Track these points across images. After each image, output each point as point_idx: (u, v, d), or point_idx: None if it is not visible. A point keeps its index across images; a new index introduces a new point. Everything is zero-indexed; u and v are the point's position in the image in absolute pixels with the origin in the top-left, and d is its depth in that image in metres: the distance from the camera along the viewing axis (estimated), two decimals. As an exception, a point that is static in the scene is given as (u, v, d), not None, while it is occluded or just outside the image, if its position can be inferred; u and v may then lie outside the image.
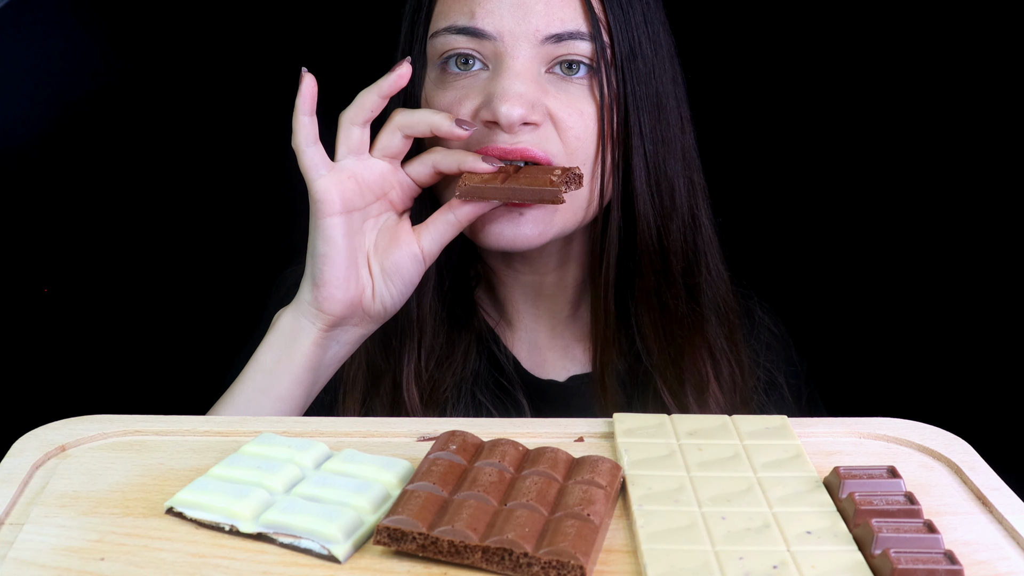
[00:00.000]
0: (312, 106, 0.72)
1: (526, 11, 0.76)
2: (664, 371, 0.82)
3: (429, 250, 0.76)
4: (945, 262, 1.10)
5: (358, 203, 0.74)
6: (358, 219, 0.75)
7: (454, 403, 0.82)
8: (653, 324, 0.82)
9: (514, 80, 0.75)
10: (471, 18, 0.76)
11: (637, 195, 0.80)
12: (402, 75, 0.73)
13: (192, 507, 0.52)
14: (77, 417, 0.62)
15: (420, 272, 0.76)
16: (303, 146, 0.72)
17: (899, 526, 0.49)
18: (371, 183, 0.75)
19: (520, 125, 0.75)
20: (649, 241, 0.81)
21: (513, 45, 0.76)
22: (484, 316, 0.88)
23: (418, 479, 0.52)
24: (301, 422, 0.63)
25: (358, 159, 0.74)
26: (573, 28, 0.76)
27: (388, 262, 0.75)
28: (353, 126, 0.73)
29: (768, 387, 0.87)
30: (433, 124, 0.73)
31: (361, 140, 0.74)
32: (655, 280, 0.81)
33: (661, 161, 0.80)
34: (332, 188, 0.73)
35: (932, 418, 0.64)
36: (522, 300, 0.88)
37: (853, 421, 0.64)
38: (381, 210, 0.76)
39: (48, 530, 0.51)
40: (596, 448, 0.60)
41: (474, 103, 0.77)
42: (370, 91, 0.73)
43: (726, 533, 0.50)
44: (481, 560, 0.47)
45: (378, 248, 0.76)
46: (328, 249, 0.73)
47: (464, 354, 0.84)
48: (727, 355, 0.83)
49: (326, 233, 0.73)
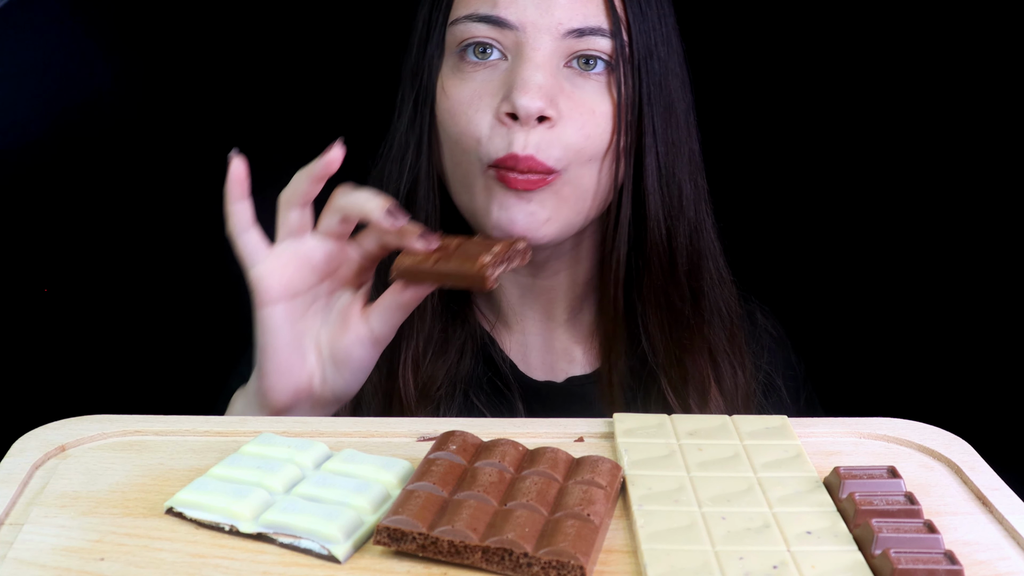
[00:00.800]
0: (243, 191, 0.68)
1: (550, 4, 0.76)
2: (669, 371, 0.82)
3: (381, 333, 0.71)
4: (945, 262, 1.10)
5: (301, 287, 0.70)
6: (303, 303, 0.70)
7: (447, 402, 0.82)
8: (659, 323, 0.82)
9: (535, 71, 0.74)
10: (493, 7, 0.76)
11: (648, 195, 0.80)
12: (331, 161, 0.68)
13: (192, 507, 0.52)
14: (77, 417, 0.62)
15: (373, 357, 0.72)
16: (235, 234, 0.68)
17: (899, 526, 0.49)
18: (316, 264, 0.70)
19: (535, 120, 0.75)
20: (658, 241, 0.81)
21: (535, 36, 0.75)
22: (480, 317, 0.88)
23: (418, 479, 0.52)
24: (301, 422, 0.63)
25: (300, 240, 0.70)
26: (595, 24, 0.76)
27: (337, 348, 0.71)
28: (289, 209, 0.69)
29: (767, 389, 0.87)
30: (366, 212, 0.68)
31: (300, 222, 0.69)
32: (662, 279, 0.82)
33: (671, 162, 0.81)
34: (269, 275, 0.69)
35: (932, 418, 0.64)
36: (520, 301, 0.88)
37: (853, 421, 0.64)
38: (332, 288, 0.72)
39: (48, 530, 0.51)
40: (596, 448, 0.60)
41: (493, 101, 0.76)
42: (301, 174, 0.69)
43: (726, 533, 0.50)
44: (481, 560, 0.47)
45: (328, 332, 0.71)
46: (269, 339, 0.69)
47: (458, 352, 0.84)
48: (728, 357, 0.83)
49: (265, 323, 0.69)
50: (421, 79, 0.80)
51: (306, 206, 0.69)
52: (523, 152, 0.75)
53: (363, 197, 0.69)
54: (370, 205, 0.68)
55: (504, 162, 0.75)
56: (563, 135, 0.76)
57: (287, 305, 0.69)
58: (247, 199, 0.68)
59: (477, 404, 0.82)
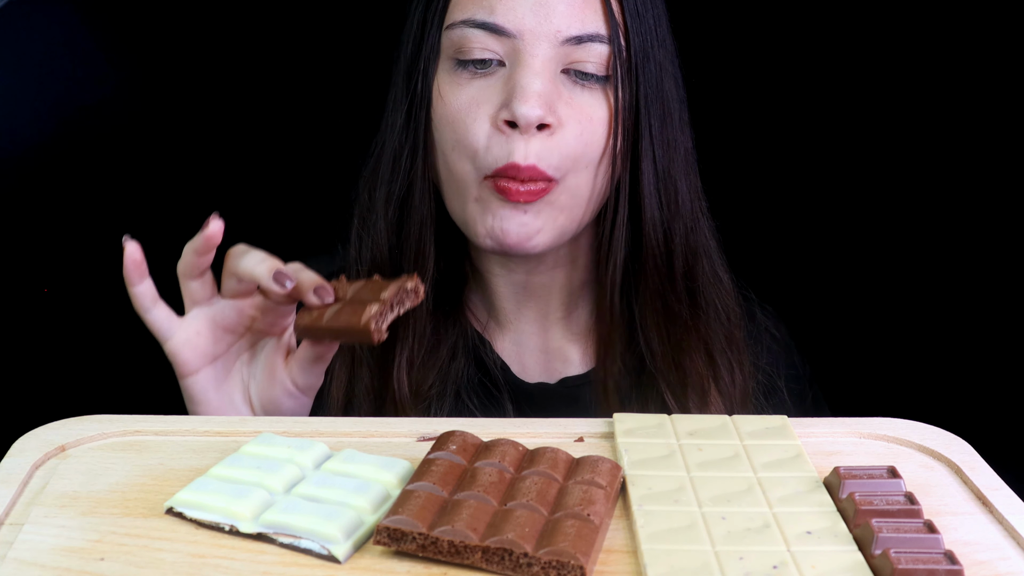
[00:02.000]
0: (139, 274, 0.68)
1: (548, 11, 0.75)
2: (667, 374, 0.82)
3: (305, 383, 0.71)
4: (945, 263, 1.10)
5: (218, 350, 0.70)
6: (224, 364, 0.71)
7: (439, 403, 0.81)
8: (656, 326, 0.82)
9: (534, 78, 0.74)
10: (491, 13, 0.76)
11: (645, 198, 0.80)
12: (210, 236, 0.67)
13: (192, 507, 0.52)
14: (77, 417, 0.62)
15: (306, 405, 0.72)
16: (142, 314, 0.69)
17: (899, 526, 0.49)
18: (228, 325, 0.70)
19: (535, 128, 0.74)
20: (655, 243, 0.81)
21: (533, 44, 0.75)
22: (472, 318, 0.87)
23: (418, 479, 0.52)
24: (301, 422, 0.63)
25: (207, 306, 0.70)
26: (593, 30, 0.76)
27: (266, 400, 0.71)
28: (186, 281, 0.69)
29: (767, 391, 0.87)
30: (255, 278, 0.67)
31: (202, 290, 0.69)
32: (659, 282, 0.81)
33: (667, 164, 0.80)
34: (184, 346, 0.69)
35: (932, 418, 0.64)
36: (513, 301, 0.87)
37: (853, 421, 0.64)
38: (253, 341, 0.72)
39: (48, 530, 0.51)
40: (596, 448, 0.60)
41: (490, 109, 0.76)
42: (188, 248, 0.68)
43: (726, 533, 0.50)
44: (481, 560, 0.47)
45: (256, 385, 0.72)
46: (195, 408, 0.70)
47: (450, 352, 0.83)
48: (726, 356, 0.83)
49: (188, 393, 0.70)
50: (416, 81, 0.80)
51: (203, 276, 0.69)
52: (524, 162, 0.74)
53: (252, 262, 0.68)
54: (258, 271, 0.67)
55: (505, 171, 0.75)
56: (562, 142, 0.76)
57: (207, 371, 0.70)
58: (147, 279, 0.68)
59: (469, 405, 0.82)
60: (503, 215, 0.77)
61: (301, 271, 0.68)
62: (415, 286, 0.68)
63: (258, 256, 0.68)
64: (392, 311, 0.67)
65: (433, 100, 0.79)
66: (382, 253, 0.83)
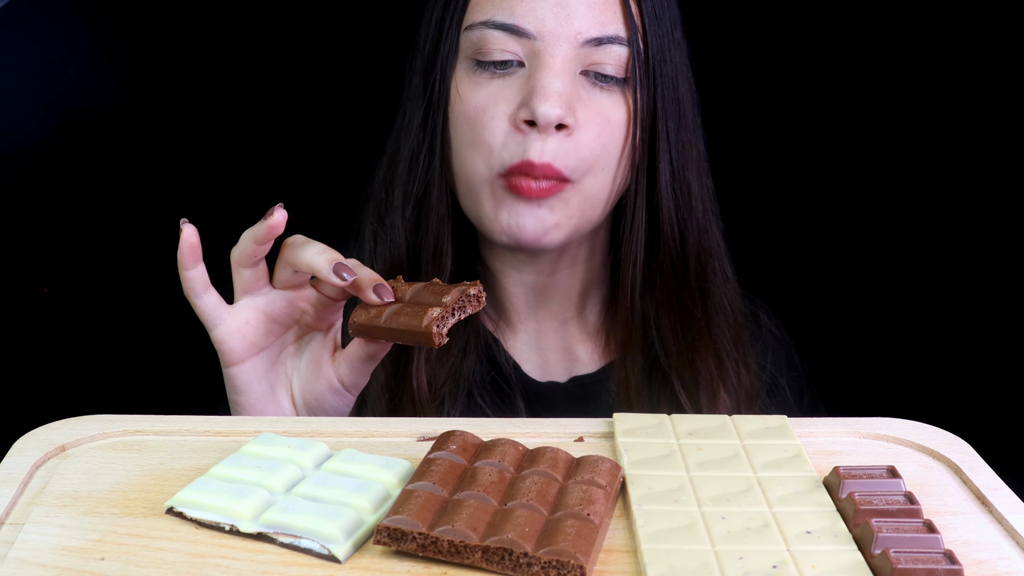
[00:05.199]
0: (194, 258, 0.66)
1: (569, 12, 0.75)
2: (681, 373, 0.82)
3: (352, 382, 0.70)
4: (945, 263, 1.10)
5: (265, 341, 0.69)
6: (269, 356, 0.70)
7: (451, 401, 0.82)
8: (672, 325, 0.82)
9: (554, 79, 0.74)
10: (511, 15, 0.76)
11: (662, 199, 0.80)
12: (273, 226, 0.65)
13: (192, 507, 0.52)
14: (77, 417, 0.62)
15: (349, 403, 0.71)
16: (192, 299, 0.67)
17: (899, 526, 0.49)
18: (277, 316, 0.69)
19: (554, 128, 0.75)
20: (671, 243, 0.81)
21: (553, 45, 0.75)
22: (484, 317, 0.88)
23: (418, 479, 0.52)
24: (301, 422, 0.63)
25: (257, 295, 0.69)
26: (612, 32, 0.76)
27: (309, 396, 0.70)
28: (240, 268, 0.68)
29: (771, 389, 0.87)
30: (314, 269, 0.66)
31: (254, 279, 0.68)
32: (675, 282, 0.82)
33: (682, 165, 0.81)
34: (231, 335, 0.68)
35: (932, 418, 0.64)
36: (525, 300, 0.88)
37: (853, 421, 0.64)
38: (300, 334, 0.71)
39: (48, 530, 0.51)
40: (596, 448, 0.60)
41: (509, 108, 0.76)
42: (247, 236, 0.67)
43: (726, 533, 0.50)
44: (481, 560, 0.47)
45: (300, 379, 0.71)
46: (239, 398, 0.69)
47: (462, 351, 0.84)
48: (734, 357, 0.83)
49: (232, 383, 0.69)
50: (434, 81, 0.80)
51: (257, 265, 0.68)
52: (540, 160, 0.75)
53: (311, 253, 0.66)
54: (318, 262, 0.66)
55: (519, 168, 0.75)
56: (580, 144, 0.76)
57: (253, 361, 0.69)
58: (200, 264, 0.67)
59: (481, 404, 0.83)
60: (519, 211, 0.77)
61: (360, 267, 0.67)
62: (478, 293, 0.67)
63: (318, 247, 0.67)
64: (453, 316, 0.66)
65: (451, 100, 0.79)
66: (400, 251, 0.83)
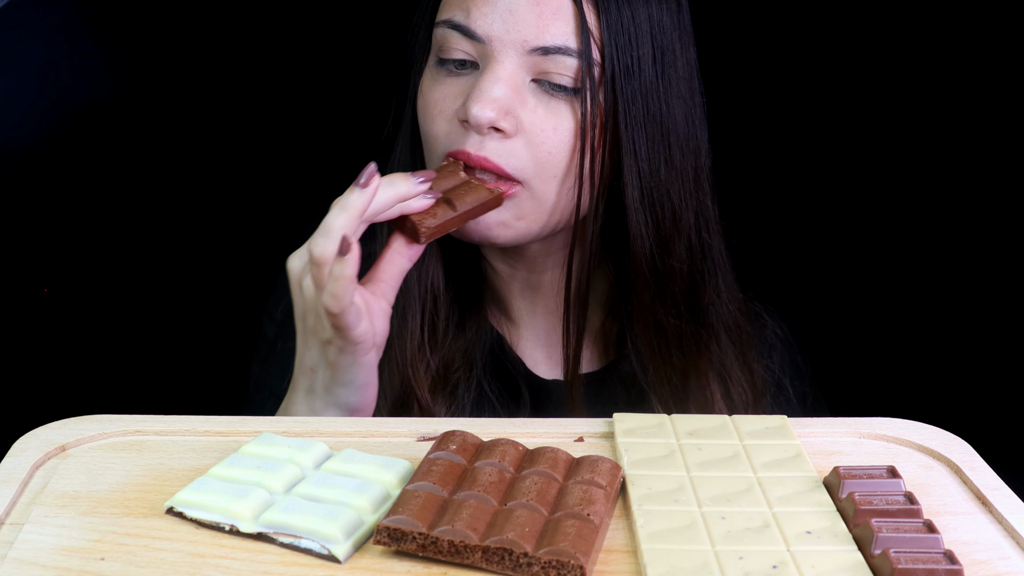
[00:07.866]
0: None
1: (517, 19, 0.75)
2: (659, 389, 0.81)
3: (393, 299, 0.75)
4: (945, 263, 1.10)
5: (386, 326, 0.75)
6: None
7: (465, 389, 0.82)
8: (648, 342, 0.81)
9: (493, 84, 0.75)
10: (466, 16, 0.77)
11: (630, 215, 0.79)
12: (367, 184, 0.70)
13: (192, 507, 0.52)
14: (77, 417, 0.62)
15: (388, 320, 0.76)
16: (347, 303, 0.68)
17: (899, 526, 0.49)
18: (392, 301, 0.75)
19: (489, 129, 0.75)
20: (643, 260, 0.80)
21: (500, 51, 0.76)
22: (490, 314, 0.88)
23: (418, 479, 0.52)
24: (301, 422, 0.63)
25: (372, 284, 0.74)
26: (561, 43, 0.76)
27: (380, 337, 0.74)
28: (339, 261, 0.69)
29: (775, 390, 0.87)
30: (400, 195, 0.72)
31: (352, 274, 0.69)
32: (649, 299, 0.80)
33: (660, 183, 0.79)
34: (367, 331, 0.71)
35: (932, 418, 0.64)
36: (523, 299, 0.88)
37: (853, 421, 0.64)
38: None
39: (48, 530, 0.51)
40: (596, 448, 0.60)
41: (454, 105, 0.77)
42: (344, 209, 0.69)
43: (726, 533, 0.50)
44: (481, 560, 0.47)
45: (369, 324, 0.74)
46: (370, 377, 0.73)
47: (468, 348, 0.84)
48: (738, 371, 0.83)
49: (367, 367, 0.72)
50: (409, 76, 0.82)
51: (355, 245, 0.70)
52: (476, 152, 0.76)
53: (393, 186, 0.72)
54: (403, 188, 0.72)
55: (456, 155, 0.76)
56: (518, 147, 0.76)
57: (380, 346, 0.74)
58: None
59: (490, 396, 0.83)
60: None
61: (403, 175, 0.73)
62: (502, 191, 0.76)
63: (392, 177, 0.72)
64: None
65: (417, 94, 0.81)
66: None
